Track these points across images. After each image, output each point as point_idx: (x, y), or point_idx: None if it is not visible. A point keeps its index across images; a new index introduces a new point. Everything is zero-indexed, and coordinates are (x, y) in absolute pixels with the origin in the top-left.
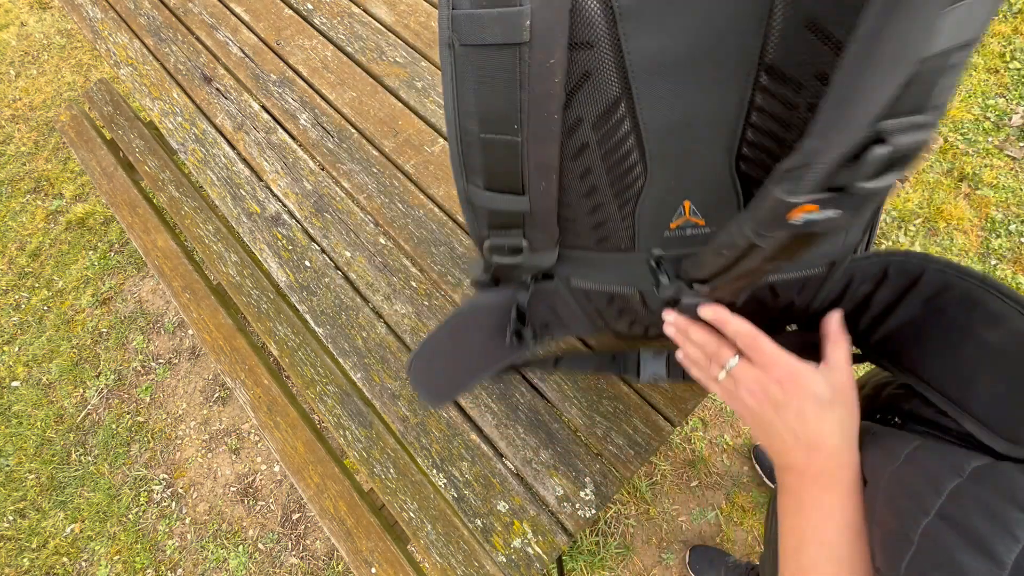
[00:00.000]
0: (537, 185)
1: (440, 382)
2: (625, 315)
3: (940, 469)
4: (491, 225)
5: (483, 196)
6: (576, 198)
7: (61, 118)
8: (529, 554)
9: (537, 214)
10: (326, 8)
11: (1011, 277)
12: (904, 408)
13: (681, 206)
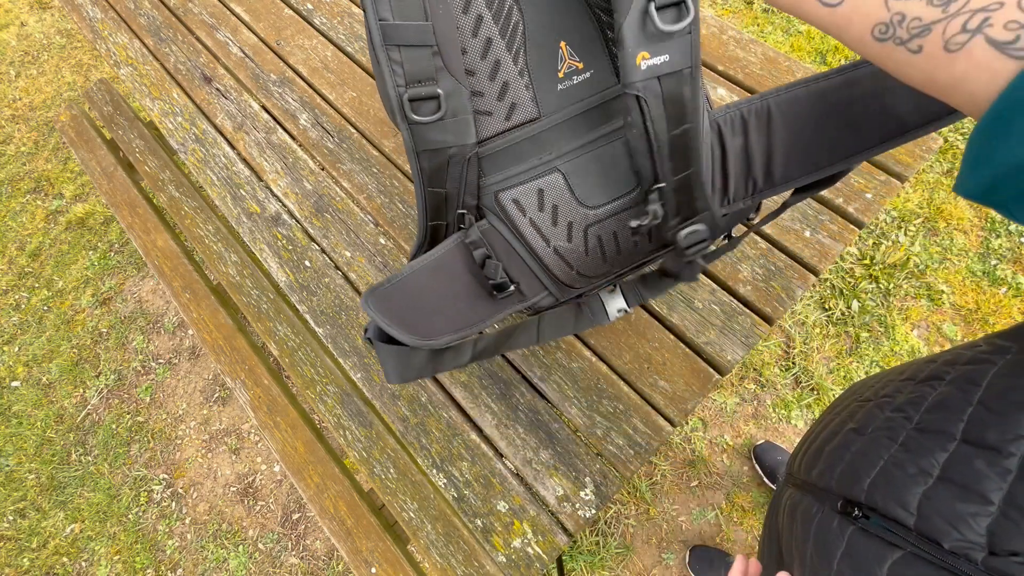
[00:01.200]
0: (435, 8)
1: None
2: (561, 215)
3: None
4: (408, 77)
5: (394, 29)
6: (477, 61)
7: (61, 118)
8: (529, 554)
9: (443, 45)
10: (326, 8)
11: (1011, 277)
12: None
13: (559, 48)
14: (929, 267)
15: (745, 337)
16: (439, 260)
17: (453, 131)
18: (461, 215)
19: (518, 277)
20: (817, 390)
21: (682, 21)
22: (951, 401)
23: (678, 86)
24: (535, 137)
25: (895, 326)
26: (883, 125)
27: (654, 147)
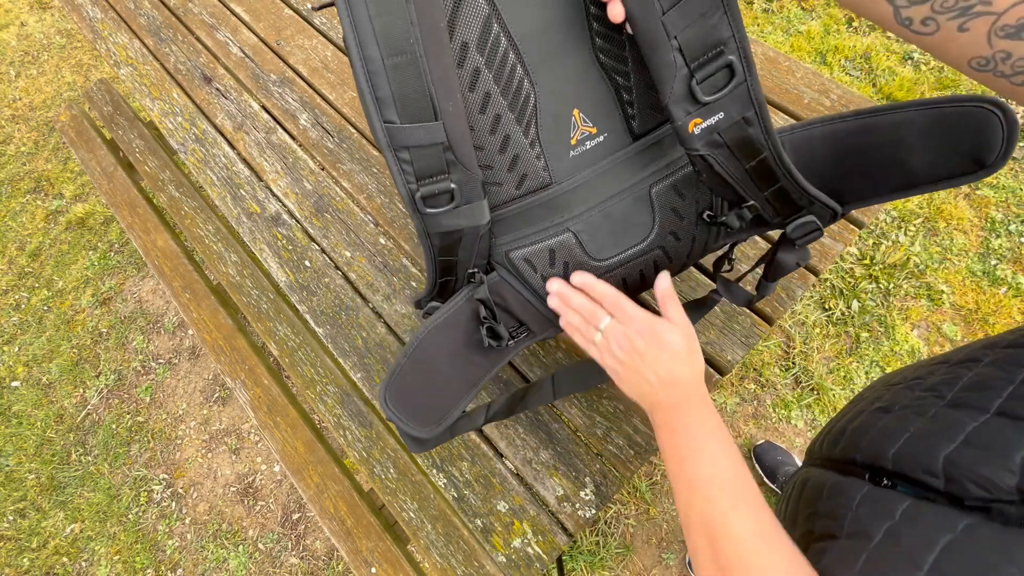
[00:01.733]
0: (446, 105)
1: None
2: (571, 270)
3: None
4: (418, 175)
5: (401, 131)
6: (485, 136)
7: (61, 118)
8: (529, 554)
9: (455, 143)
10: (326, 8)
11: (1011, 277)
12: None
13: (572, 116)
14: (929, 267)
15: (745, 337)
16: (451, 317)
17: (466, 216)
18: (471, 273)
19: (528, 320)
20: (817, 390)
21: (729, 83)
22: (991, 380)
23: (742, 131)
24: (547, 203)
25: (895, 326)
26: (894, 176)
27: (731, 182)
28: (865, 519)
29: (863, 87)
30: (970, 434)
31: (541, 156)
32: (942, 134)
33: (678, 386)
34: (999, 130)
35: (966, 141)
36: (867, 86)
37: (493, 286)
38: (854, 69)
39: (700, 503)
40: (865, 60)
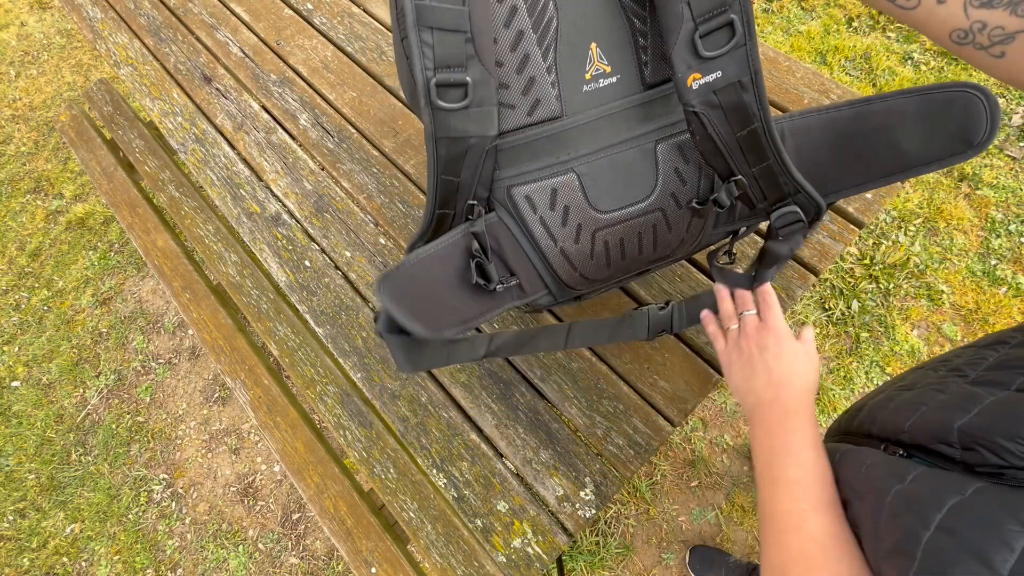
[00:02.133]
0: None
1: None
2: (571, 217)
3: (943, 488)
4: (437, 61)
5: (428, 9)
6: (506, 52)
7: (61, 118)
8: (529, 554)
9: (477, 35)
10: (326, 8)
11: (1011, 277)
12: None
13: (589, 50)
14: (929, 267)
15: None
16: (446, 250)
17: (476, 121)
18: (471, 206)
19: (520, 272)
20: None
21: (729, 42)
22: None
23: (737, 95)
24: (555, 136)
25: (895, 326)
26: (888, 159)
27: (723, 150)
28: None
29: (863, 87)
30: (986, 407)
31: (556, 84)
32: (931, 117)
33: (788, 390)
34: (983, 112)
35: (954, 123)
36: (867, 86)
37: (490, 227)
38: (854, 69)
39: (782, 499)
40: (865, 60)
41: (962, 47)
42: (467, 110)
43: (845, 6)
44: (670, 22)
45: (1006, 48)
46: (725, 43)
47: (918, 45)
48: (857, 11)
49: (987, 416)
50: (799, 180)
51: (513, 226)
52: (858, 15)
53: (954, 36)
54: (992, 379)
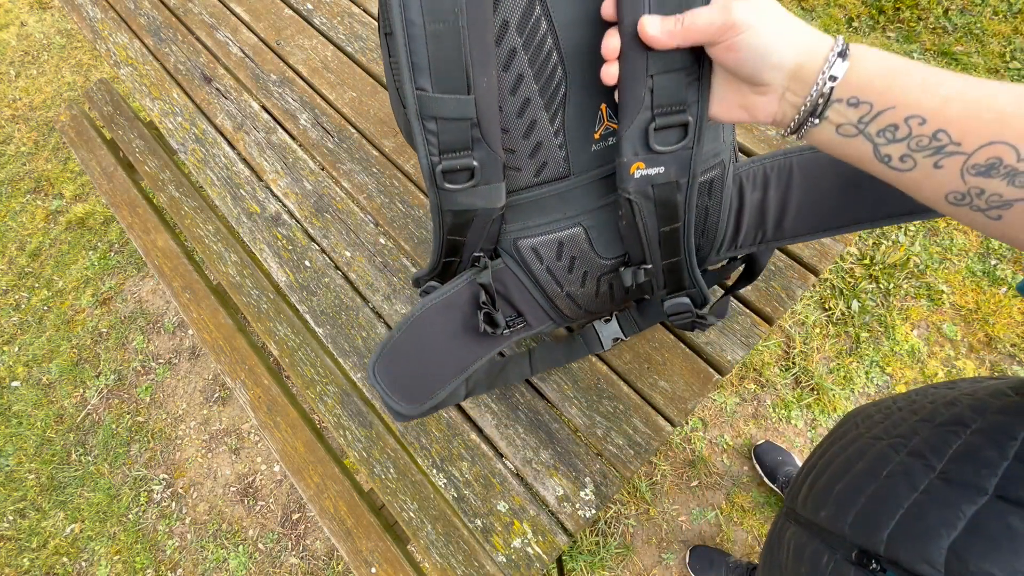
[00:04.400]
0: (480, 81)
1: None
2: (578, 265)
3: None
4: (442, 148)
5: (433, 101)
6: (512, 119)
7: (61, 118)
8: (529, 554)
9: (484, 120)
10: (326, 8)
11: (1011, 277)
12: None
13: (599, 111)
14: (929, 267)
15: (745, 337)
16: (451, 298)
17: (483, 197)
18: (476, 257)
19: (525, 310)
20: (817, 390)
21: (679, 143)
22: (983, 454)
23: (671, 193)
24: (562, 194)
25: (895, 326)
26: (894, 201)
27: (643, 239)
28: None
29: None
30: (972, 520)
31: (564, 146)
32: None
33: None
34: None
35: None
36: None
37: (496, 273)
38: None
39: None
40: None
41: (958, 208)
42: (474, 188)
43: (845, 6)
44: (630, 104)
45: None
46: (675, 142)
47: (918, 45)
48: (857, 11)
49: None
50: (698, 279)
51: (519, 272)
52: (858, 15)
53: (950, 197)
54: (963, 476)
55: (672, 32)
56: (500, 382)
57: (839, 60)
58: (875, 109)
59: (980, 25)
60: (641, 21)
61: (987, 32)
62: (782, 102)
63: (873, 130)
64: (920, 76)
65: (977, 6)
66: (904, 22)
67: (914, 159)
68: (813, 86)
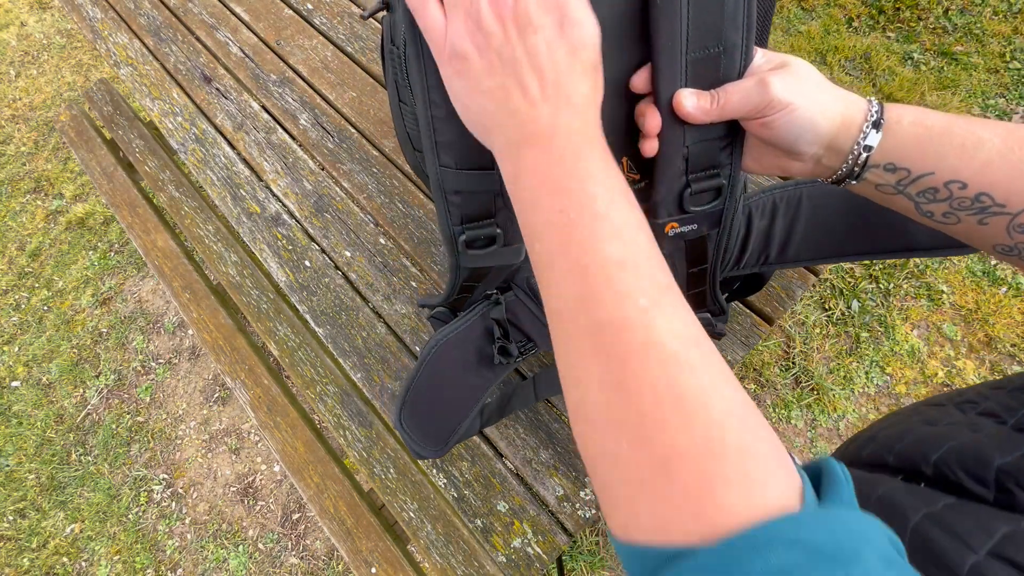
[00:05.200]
0: None
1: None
2: None
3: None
4: (464, 218)
5: (458, 177)
6: None
7: (61, 118)
8: (529, 554)
9: None
10: (326, 8)
11: (1011, 277)
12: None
13: (620, 163)
14: (929, 267)
15: (745, 337)
16: (463, 333)
17: (502, 256)
18: (488, 293)
19: (535, 335)
20: (817, 390)
21: (712, 202)
22: None
23: (702, 243)
24: None
25: (895, 326)
26: (895, 239)
27: None
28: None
29: (863, 87)
30: None
31: None
32: None
33: (573, 108)
34: None
35: None
36: (867, 86)
37: (508, 304)
38: (854, 69)
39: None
40: (865, 60)
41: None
42: (494, 250)
43: (845, 6)
44: (665, 172)
45: None
46: (708, 201)
47: (918, 45)
48: (857, 11)
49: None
50: (720, 301)
51: (531, 304)
52: (858, 15)
53: (998, 248)
54: None
55: (708, 110)
56: (509, 410)
57: (873, 131)
58: (913, 174)
59: (980, 25)
60: (677, 96)
61: (987, 32)
62: (817, 165)
63: (912, 191)
64: (960, 139)
65: (977, 6)
66: (904, 22)
67: (958, 216)
68: (848, 155)
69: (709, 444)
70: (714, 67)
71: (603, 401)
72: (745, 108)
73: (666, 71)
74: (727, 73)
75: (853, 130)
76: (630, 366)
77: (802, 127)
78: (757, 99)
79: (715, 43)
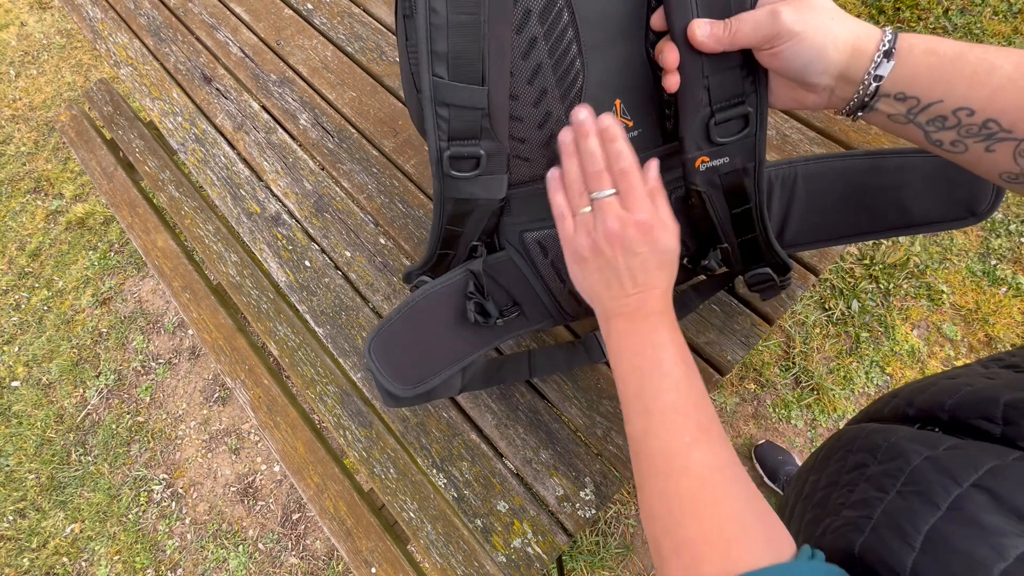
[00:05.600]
0: (495, 74)
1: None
2: None
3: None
4: (451, 134)
5: (448, 88)
6: (528, 108)
7: (61, 118)
8: (529, 554)
9: (494, 112)
10: (326, 8)
11: (1011, 277)
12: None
13: (613, 106)
14: (929, 267)
15: (745, 337)
16: (448, 288)
17: (484, 187)
18: (474, 246)
19: (525, 304)
20: (817, 390)
21: (741, 132)
22: None
23: (739, 178)
24: None
25: (895, 326)
26: (893, 216)
27: (716, 223)
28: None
29: None
30: None
31: None
32: (942, 182)
33: (653, 294)
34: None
35: (962, 191)
36: None
37: (497, 264)
38: None
39: (660, 434)
40: None
41: (1012, 184)
42: (478, 177)
43: (845, 6)
44: (687, 106)
45: None
46: (737, 131)
47: None
48: (857, 11)
49: None
50: (776, 249)
51: (523, 264)
52: (858, 15)
53: (1004, 176)
54: None
55: (720, 37)
56: (497, 380)
57: (884, 60)
58: (922, 103)
59: (980, 25)
60: (690, 26)
61: (987, 32)
62: (832, 97)
63: (922, 120)
64: (972, 66)
65: (977, 6)
66: (904, 22)
67: (965, 144)
68: (859, 85)
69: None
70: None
71: (654, 503)
72: (756, 37)
73: (678, 4)
74: (739, 2)
75: (864, 60)
76: (671, 482)
77: (810, 57)
78: (767, 28)
79: None
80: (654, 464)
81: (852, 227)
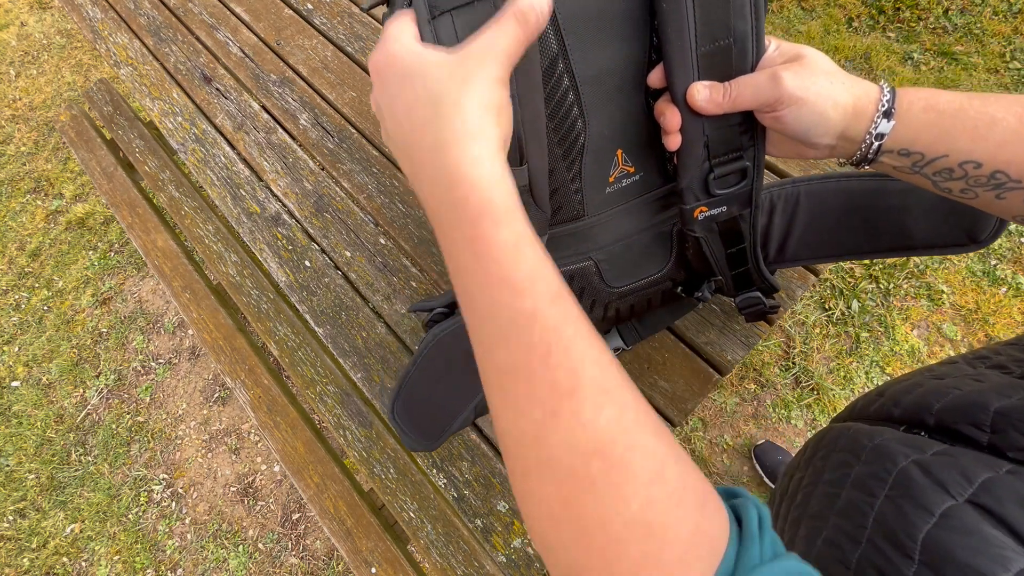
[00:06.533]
0: (533, 148)
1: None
2: (586, 295)
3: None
4: None
5: None
6: None
7: (61, 118)
8: (529, 554)
9: (535, 185)
10: (326, 8)
11: (1011, 277)
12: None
13: (615, 156)
14: (929, 267)
15: (745, 337)
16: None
17: None
18: None
19: None
20: (817, 390)
21: (738, 184)
22: None
23: (735, 223)
24: (576, 233)
25: (895, 326)
26: (894, 238)
27: (712, 262)
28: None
29: None
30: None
31: (579, 191)
32: (946, 208)
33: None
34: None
35: (966, 218)
36: None
37: None
38: (854, 69)
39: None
40: (865, 60)
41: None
42: None
43: (845, 6)
44: (688, 160)
45: None
46: (734, 183)
47: (918, 45)
48: (857, 11)
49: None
50: (767, 277)
51: None
52: (858, 15)
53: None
54: None
55: (719, 103)
56: None
57: (884, 120)
58: (927, 158)
59: (980, 25)
60: (690, 90)
61: (987, 32)
62: (833, 152)
63: (928, 172)
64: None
65: (977, 6)
66: (904, 22)
67: (975, 192)
68: (861, 144)
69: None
70: (726, 58)
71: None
72: (757, 101)
73: (679, 66)
74: (740, 64)
75: (864, 120)
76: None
77: (813, 121)
78: (768, 93)
79: (724, 35)
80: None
81: (852, 247)
